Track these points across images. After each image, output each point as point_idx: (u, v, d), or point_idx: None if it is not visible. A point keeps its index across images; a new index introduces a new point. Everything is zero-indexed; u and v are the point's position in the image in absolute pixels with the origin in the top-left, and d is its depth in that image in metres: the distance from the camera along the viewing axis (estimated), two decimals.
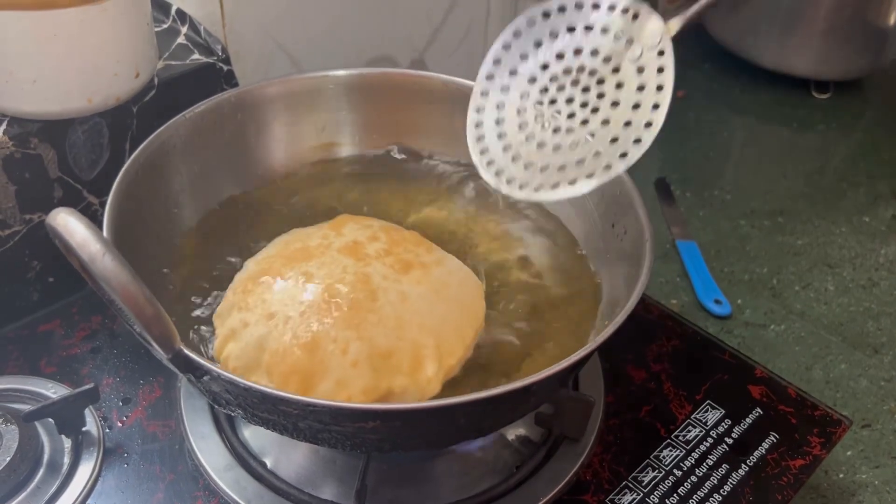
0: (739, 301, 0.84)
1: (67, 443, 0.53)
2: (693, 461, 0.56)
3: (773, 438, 0.58)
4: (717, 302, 0.83)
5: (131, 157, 0.52)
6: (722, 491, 0.55)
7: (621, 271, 0.53)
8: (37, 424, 0.53)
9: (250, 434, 0.55)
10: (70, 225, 0.37)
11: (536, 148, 0.51)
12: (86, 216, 0.37)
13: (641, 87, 0.49)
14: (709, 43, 1.22)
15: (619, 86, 0.49)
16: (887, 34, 1.16)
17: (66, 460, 0.53)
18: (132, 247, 0.48)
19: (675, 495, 0.54)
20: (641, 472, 0.56)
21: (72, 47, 0.54)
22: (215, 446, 0.54)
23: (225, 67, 0.66)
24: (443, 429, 0.45)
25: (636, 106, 0.49)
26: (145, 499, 0.51)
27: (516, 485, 0.54)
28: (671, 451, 0.57)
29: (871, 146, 1.13)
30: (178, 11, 0.68)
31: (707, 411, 0.60)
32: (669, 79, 0.48)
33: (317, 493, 0.52)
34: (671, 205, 0.97)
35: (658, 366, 0.63)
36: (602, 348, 0.45)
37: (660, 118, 0.48)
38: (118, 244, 0.44)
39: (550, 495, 0.53)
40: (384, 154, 0.65)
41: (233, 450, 0.54)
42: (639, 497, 0.54)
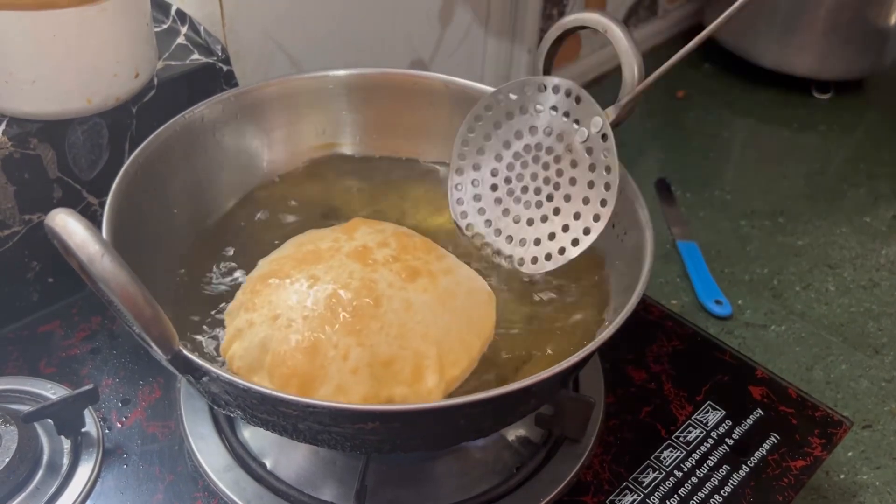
0: (740, 301, 0.84)
1: (67, 444, 0.53)
2: (693, 462, 0.56)
3: (774, 439, 0.58)
4: (717, 302, 0.83)
5: (131, 157, 0.52)
6: (722, 492, 0.55)
7: (622, 272, 0.53)
8: (36, 425, 0.53)
9: (250, 435, 0.55)
10: (69, 226, 0.37)
11: (513, 222, 0.57)
12: (85, 217, 0.37)
13: (593, 167, 0.53)
14: (709, 43, 1.21)
15: (574, 164, 0.54)
16: (888, 34, 1.16)
17: (66, 461, 0.52)
18: (131, 248, 0.48)
19: (676, 496, 0.54)
20: (642, 473, 0.55)
21: (71, 47, 0.54)
22: (215, 447, 0.54)
23: (225, 68, 0.66)
24: (443, 430, 0.45)
25: (591, 184, 0.53)
26: (145, 500, 0.51)
27: (516, 486, 0.53)
28: (672, 451, 0.57)
29: (872, 146, 1.13)
30: (178, 12, 0.68)
31: (707, 412, 0.60)
32: (614, 162, 0.52)
33: (316, 493, 0.52)
34: (672, 205, 0.97)
35: (658, 366, 0.63)
36: (602, 349, 0.45)
37: (611, 198, 0.52)
38: (117, 245, 0.44)
39: (551, 496, 0.53)
40: (384, 154, 0.65)
41: (232, 451, 0.54)
42: (639, 498, 0.54)
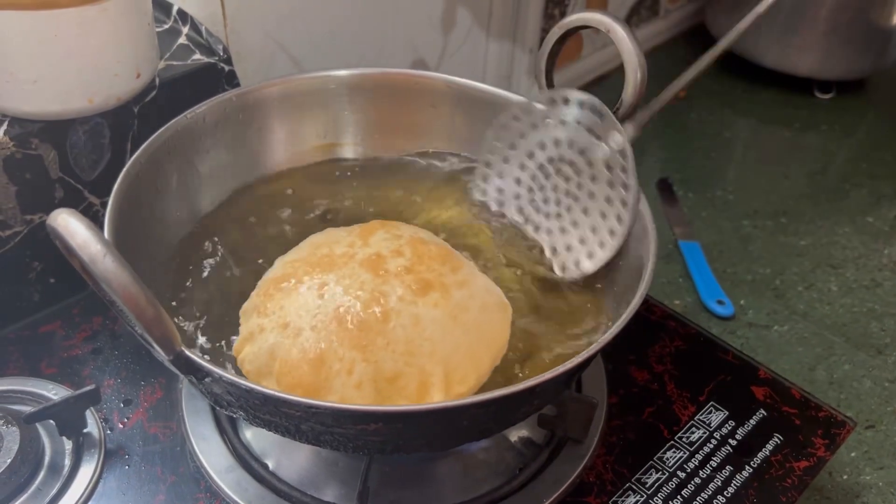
0: (742, 302, 0.84)
1: (68, 444, 0.53)
2: (696, 463, 0.56)
3: (777, 440, 0.58)
4: (719, 302, 0.83)
5: (132, 157, 0.52)
6: (726, 493, 0.54)
7: (624, 272, 0.53)
8: (38, 426, 0.53)
9: (252, 436, 0.55)
10: (71, 226, 0.37)
11: (532, 231, 0.58)
12: (87, 217, 0.37)
13: (612, 183, 0.53)
14: (710, 43, 1.22)
15: (594, 179, 0.54)
16: (890, 34, 1.15)
17: (67, 462, 0.52)
18: (133, 248, 0.48)
19: (679, 497, 0.54)
20: (645, 473, 0.55)
21: (72, 47, 0.54)
22: (217, 448, 0.54)
23: (226, 68, 0.66)
24: (445, 431, 0.45)
25: (609, 200, 0.53)
26: (147, 500, 0.51)
27: (519, 487, 0.53)
28: (674, 452, 0.57)
29: (874, 146, 1.12)
30: (180, 12, 0.68)
31: (710, 412, 0.60)
32: (633, 180, 0.51)
33: (319, 494, 0.52)
34: (674, 205, 0.97)
35: (661, 367, 0.63)
36: (605, 349, 0.45)
37: (627, 216, 0.52)
38: (119, 245, 0.44)
39: (553, 497, 0.53)
40: (386, 154, 0.65)
41: (234, 451, 0.54)
42: (642, 499, 0.54)
